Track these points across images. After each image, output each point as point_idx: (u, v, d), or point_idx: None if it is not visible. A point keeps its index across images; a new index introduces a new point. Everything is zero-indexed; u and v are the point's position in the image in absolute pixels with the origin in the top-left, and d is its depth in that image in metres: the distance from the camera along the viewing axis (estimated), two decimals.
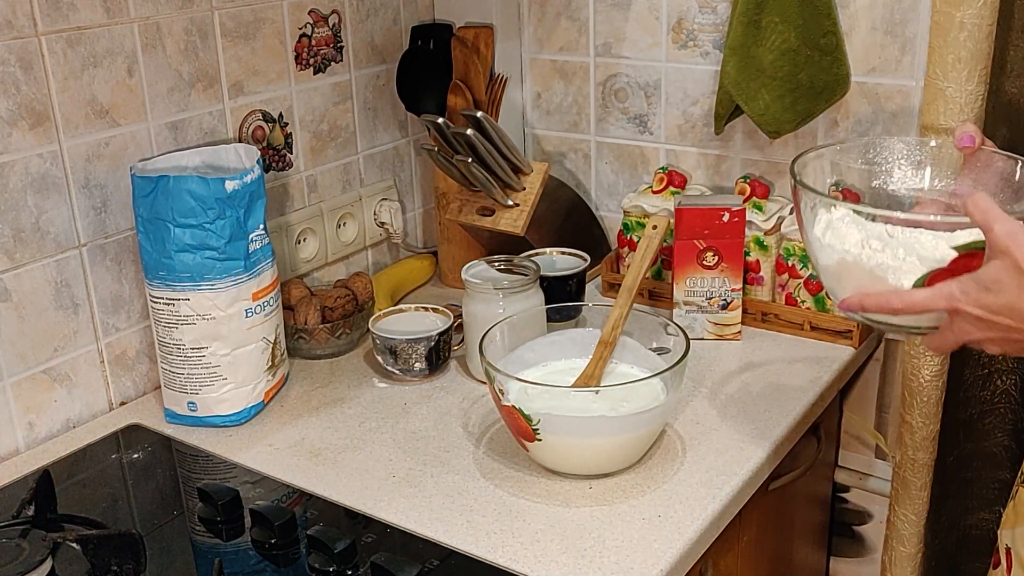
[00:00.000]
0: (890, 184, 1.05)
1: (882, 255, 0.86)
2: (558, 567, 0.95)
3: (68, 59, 1.16)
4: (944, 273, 0.83)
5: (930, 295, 0.82)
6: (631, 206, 1.52)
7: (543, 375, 1.18)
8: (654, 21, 1.55)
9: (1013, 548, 0.96)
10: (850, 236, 0.88)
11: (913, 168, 1.05)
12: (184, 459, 1.19)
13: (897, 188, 1.05)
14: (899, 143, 1.05)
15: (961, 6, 1.17)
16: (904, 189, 1.04)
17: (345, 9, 1.49)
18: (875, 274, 0.86)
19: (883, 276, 0.86)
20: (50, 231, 1.18)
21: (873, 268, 0.86)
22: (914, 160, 1.05)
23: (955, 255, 0.82)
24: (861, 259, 0.87)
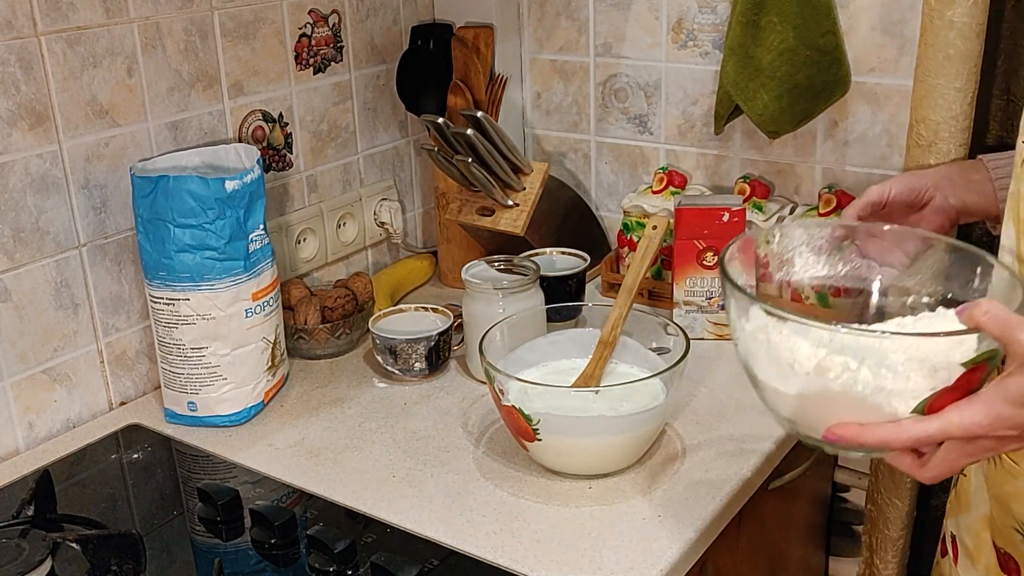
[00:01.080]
0: (792, 274, 0.94)
1: (865, 380, 0.72)
2: (558, 567, 0.95)
3: (68, 59, 1.16)
4: (947, 393, 0.72)
5: (946, 426, 0.70)
6: (631, 206, 1.52)
7: (543, 375, 1.18)
8: (654, 21, 1.55)
9: (958, 536, 0.97)
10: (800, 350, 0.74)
11: (814, 255, 0.95)
12: (184, 459, 1.19)
13: (800, 278, 0.94)
14: (798, 228, 0.95)
15: (952, 6, 1.18)
16: (807, 278, 0.95)
17: (345, 9, 1.49)
18: (867, 402, 0.73)
19: (876, 404, 0.73)
20: (50, 231, 1.18)
21: (864, 397, 0.72)
22: (814, 246, 0.94)
23: (962, 371, 0.71)
24: (847, 386, 0.73)
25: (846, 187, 1.45)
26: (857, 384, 0.73)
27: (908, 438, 0.72)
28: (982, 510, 0.91)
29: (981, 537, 0.92)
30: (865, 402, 0.73)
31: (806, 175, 1.50)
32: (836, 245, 0.94)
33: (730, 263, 0.84)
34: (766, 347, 0.77)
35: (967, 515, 0.94)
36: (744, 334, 0.80)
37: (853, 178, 1.45)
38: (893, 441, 0.72)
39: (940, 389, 0.72)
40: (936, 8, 1.20)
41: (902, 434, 0.72)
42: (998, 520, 0.88)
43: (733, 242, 0.88)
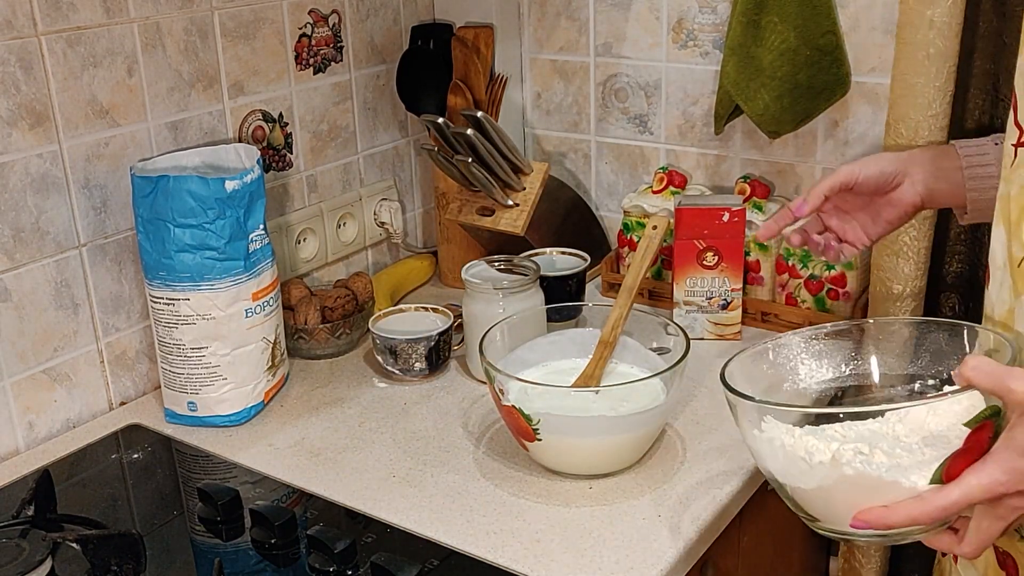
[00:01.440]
0: (799, 384, 0.95)
1: (879, 460, 0.74)
2: (558, 567, 0.95)
3: (68, 59, 1.16)
4: (960, 457, 0.71)
5: (967, 491, 0.70)
6: (631, 206, 1.52)
7: (543, 375, 1.18)
8: (654, 21, 1.55)
9: None
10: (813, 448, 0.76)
11: (816, 360, 0.96)
12: (184, 459, 1.19)
13: (808, 385, 0.95)
14: (795, 337, 0.95)
15: (932, 5, 1.19)
16: (815, 384, 0.95)
17: (345, 9, 1.49)
18: (884, 481, 0.73)
19: (894, 480, 0.73)
20: (50, 231, 1.18)
21: (881, 475, 0.73)
22: (814, 351, 0.96)
23: (967, 432, 0.71)
24: (861, 470, 0.74)
25: None
26: (871, 466, 0.73)
27: (933, 509, 0.71)
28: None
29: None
30: (883, 481, 0.73)
31: (806, 175, 1.49)
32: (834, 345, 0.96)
33: (731, 377, 0.86)
34: (781, 450, 0.79)
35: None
36: (757, 441, 0.82)
37: None
38: (920, 516, 0.72)
39: (952, 454, 0.72)
40: (915, 8, 1.20)
41: (927, 507, 0.71)
42: None
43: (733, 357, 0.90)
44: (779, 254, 1.41)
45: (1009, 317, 0.81)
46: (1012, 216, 0.80)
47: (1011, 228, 0.80)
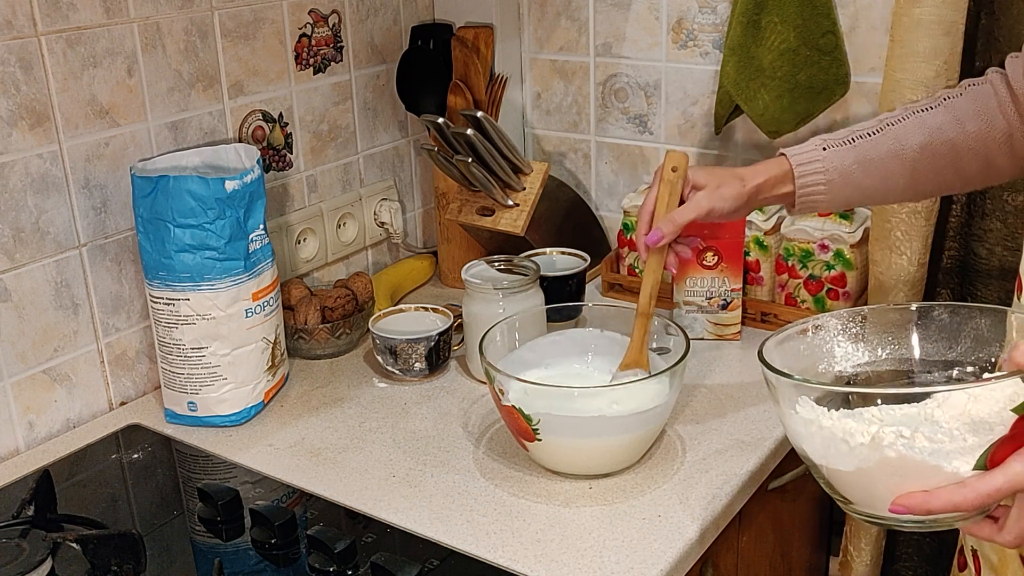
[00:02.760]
0: (835, 366, 0.94)
1: (921, 443, 0.72)
2: (558, 567, 0.95)
3: (68, 59, 1.16)
4: (1006, 443, 0.70)
5: (1013, 477, 0.68)
6: (631, 206, 1.52)
7: (543, 375, 1.18)
8: (654, 21, 1.55)
9: (980, 551, 0.96)
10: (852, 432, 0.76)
11: (852, 343, 0.94)
12: (184, 459, 1.19)
13: (843, 368, 0.94)
14: (832, 319, 0.95)
15: (919, 4, 1.19)
16: (851, 367, 0.94)
17: (345, 9, 1.49)
18: (927, 464, 0.72)
19: (936, 465, 0.72)
20: (50, 231, 1.18)
21: (924, 460, 0.72)
22: (851, 334, 0.95)
23: (1015, 417, 0.70)
24: (903, 452, 0.72)
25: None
26: (914, 449, 0.72)
27: (976, 496, 0.70)
28: None
29: (1005, 552, 0.91)
30: (925, 465, 0.72)
31: None
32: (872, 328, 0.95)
33: (769, 355, 0.85)
34: (819, 432, 0.78)
35: None
36: (795, 420, 0.81)
37: None
38: (961, 502, 0.70)
39: (997, 440, 0.70)
40: (904, 6, 1.21)
41: (969, 493, 0.70)
42: None
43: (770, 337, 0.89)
44: (779, 254, 1.41)
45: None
46: None
47: None
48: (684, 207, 1.06)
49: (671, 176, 1.09)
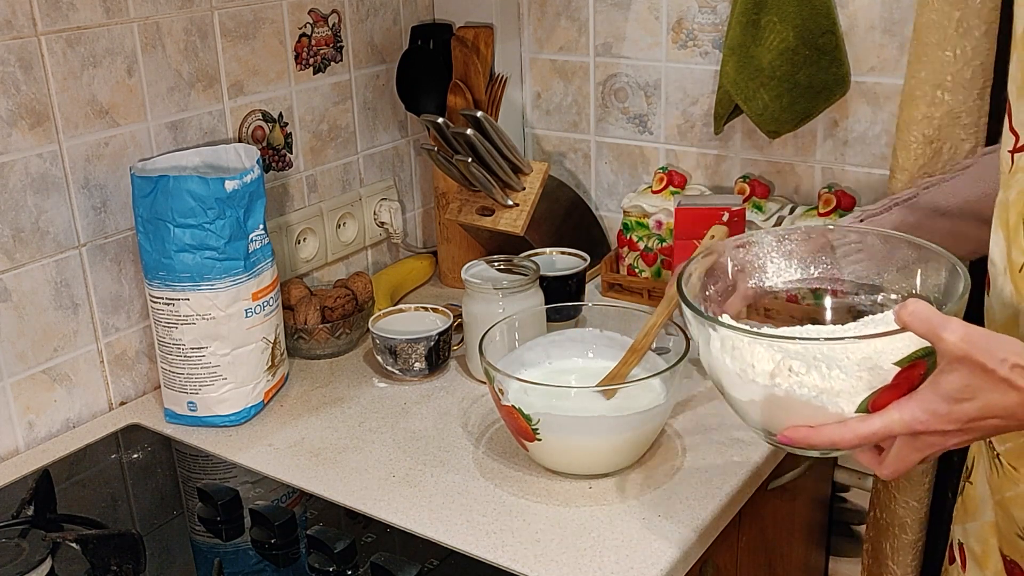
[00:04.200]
0: (766, 281, 0.97)
1: (810, 379, 0.76)
2: (558, 567, 0.95)
3: (68, 59, 1.16)
4: (888, 391, 0.75)
5: (889, 423, 0.74)
6: (631, 206, 1.52)
7: (543, 375, 1.18)
8: (654, 21, 1.55)
9: (966, 544, 0.96)
10: (759, 358, 0.78)
11: (785, 259, 0.97)
12: (184, 459, 1.19)
13: (774, 283, 0.97)
14: (768, 236, 0.97)
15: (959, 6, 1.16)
16: (781, 283, 0.97)
17: (345, 9, 1.49)
18: (812, 404, 0.77)
19: (821, 406, 0.76)
20: (50, 231, 1.18)
21: (809, 399, 0.77)
22: (785, 251, 0.97)
23: (898, 370, 0.75)
24: (791, 390, 0.77)
25: (846, 187, 1.45)
26: (803, 387, 0.76)
27: (854, 437, 0.75)
28: (988, 517, 0.91)
29: (989, 544, 0.91)
30: (810, 405, 0.76)
31: (806, 175, 1.50)
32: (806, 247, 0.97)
33: (687, 282, 0.88)
34: (728, 361, 0.81)
35: (974, 522, 0.94)
36: (706, 350, 0.84)
37: (853, 178, 1.45)
38: (840, 441, 0.76)
39: (880, 388, 0.75)
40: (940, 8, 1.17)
41: (848, 433, 0.75)
42: (1002, 526, 0.88)
43: (689, 262, 0.92)
44: None
45: (1012, 323, 0.81)
46: (1011, 221, 0.80)
47: (1010, 234, 0.80)
48: None
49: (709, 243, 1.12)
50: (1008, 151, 0.81)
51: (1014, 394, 0.70)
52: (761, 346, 0.79)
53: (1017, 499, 0.84)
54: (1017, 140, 0.79)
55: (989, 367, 0.69)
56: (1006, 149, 0.81)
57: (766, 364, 0.78)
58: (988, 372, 0.70)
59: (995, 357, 0.69)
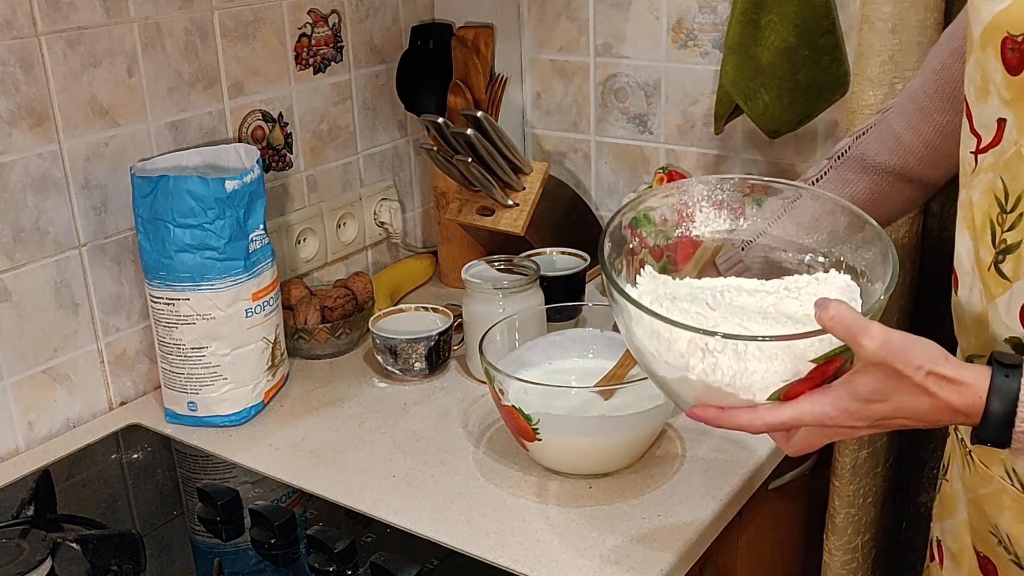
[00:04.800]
0: (693, 229, 0.96)
1: (725, 366, 0.76)
2: (558, 567, 0.95)
3: (68, 59, 1.16)
4: (800, 383, 0.76)
5: (798, 415, 0.76)
6: None
7: (543, 375, 1.18)
8: (654, 21, 1.55)
9: (943, 541, 0.97)
10: (678, 339, 0.78)
11: (715, 209, 0.96)
12: (184, 459, 1.19)
13: (701, 232, 0.96)
14: (699, 184, 0.96)
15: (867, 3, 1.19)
16: (709, 232, 0.96)
17: (345, 9, 1.49)
18: (723, 391, 0.77)
19: (733, 392, 0.77)
20: (50, 231, 1.18)
21: (721, 386, 0.77)
22: (716, 200, 0.96)
23: (812, 367, 0.76)
24: (704, 376, 0.77)
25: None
26: (717, 371, 0.77)
27: (763, 423, 0.77)
28: (963, 514, 0.92)
29: (963, 541, 0.92)
30: (721, 392, 0.77)
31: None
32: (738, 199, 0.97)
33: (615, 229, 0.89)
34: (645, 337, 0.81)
35: (951, 519, 0.95)
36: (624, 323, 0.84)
37: None
38: (748, 426, 0.78)
39: (793, 380, 0.76)
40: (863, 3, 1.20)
41: (756, 420, 0.77)
42: (975, 524, 0.89)
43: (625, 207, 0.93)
44: None
45: (981, 321, 0.82)
46: (976, 221, 0.81)
47: (976, 233, 0.81)
48: None
49: None
50: (971, 152, 0.82)
51: (926, 399, 0.72)
52: (678, 311, 0.80)
53: (989, 497, 0.85)
54: (979, 141, 0.80)
55: (905, 373, 0.72)
56: (968, 150, 0.82)
57: (681, 343, 0.78)
58: (904, 378, 0.72)
59: (911, 364, 0.71)
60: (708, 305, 0.83)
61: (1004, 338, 0.79)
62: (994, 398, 0.72)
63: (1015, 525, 0.83)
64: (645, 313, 0.79)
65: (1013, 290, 0.78)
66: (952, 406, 0.72)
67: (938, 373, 0.72)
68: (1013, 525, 0.83)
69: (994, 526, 0.85)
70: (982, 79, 0.78)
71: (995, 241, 0.79)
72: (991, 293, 0.80)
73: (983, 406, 0.72)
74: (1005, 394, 0.72)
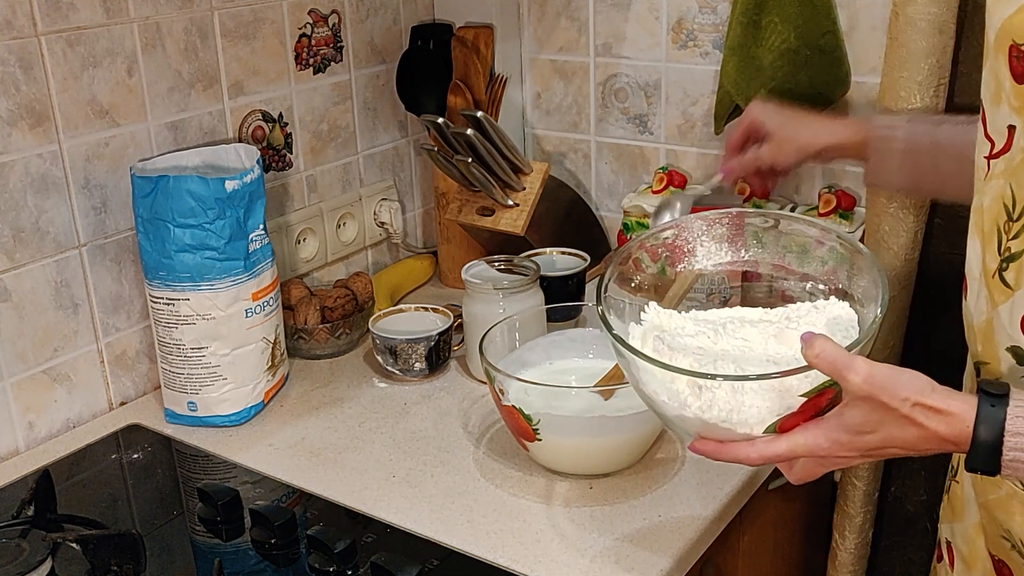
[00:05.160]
0: (695, 264, 0.99)
1: (723, 402, 0.79)
2: (558, 567, 0.95)
3: (68, 59, 1.16)
4: (796, 415, 0.79)
5: (793, 447, 0.78)
6: (631, 206, 1.52)
7: (544, 375, 1.18)
8: (654, 21, 1.55)
9: (953, 543, 0.97)
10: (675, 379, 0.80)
11: (716, 243, 0.98)
12: (184, 459, 1.19)
13: (704, 265, 0.99)
14: (698, 221, 0.98)
15: (911, 3, 1.20)
16: (711, 265, 0.99)
17: (345, 9, 1.49)
18: (720, 427, 0.80)
19: (730, 428, 0.79)
20: (50, 231, 1.18)
21: (717, 422, 0.79)
22: (715, 234, 0.98)
23: (804, 400, 0.78)
24: (701, 413, 0.79)
25: (846, 187, 1.45)
26: (713, 408, 0.78)
27: (760, 456, 0.79)
28: (975, 517, 0.91)
29: (976, 543, 0.92)
30: (718, 428, 0.80)
31: (806, 175, 1.49)
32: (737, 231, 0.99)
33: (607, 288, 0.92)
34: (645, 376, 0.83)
35: (961, 522, 0.95)
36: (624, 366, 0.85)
37: (853, 178, 1.45)
38: (746, 459, 0.80)
39: (787, 414, 0.78)
40: (898, 3, 1.21)
41: (753, 453, 0.79)
42: (988, 528, 0.89)
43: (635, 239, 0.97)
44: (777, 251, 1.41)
45: (987, 328, 0.82)
46: (985, 228, 0.81)
47: (985, 239, 0.81)
48: (746, 158, 1.20)
49: None
50: (984, 157, 0.81)
51: (914, 429, 0.73)
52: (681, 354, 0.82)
53: (999, 502, 0.85)
54: (992, 146, 0.80)
55: (891, 406, 0.73)
56: (982, 155, 0.82)
57: (679, 383, 0.80)
58: (890, 410, 0.73)
59: (897, 397, 0.73)
60: (709, 339, 0.84)
61: (1006, 346, 0.79)
62: (981, 427, 0.72)
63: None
64: (640, 359, 0.81)
65: (1015, 299, 0.78)
66: (941, 435, 0.73)
67: (925, 404, 0.73)
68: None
69: (1007, 531, 0.85)
70: (995, 84, 0.78)
71: (1000, 248, 0.79)
72: (995, 300, 0.80)
73: (971, 435, 0.72)
74: (992, 423, 0.72)
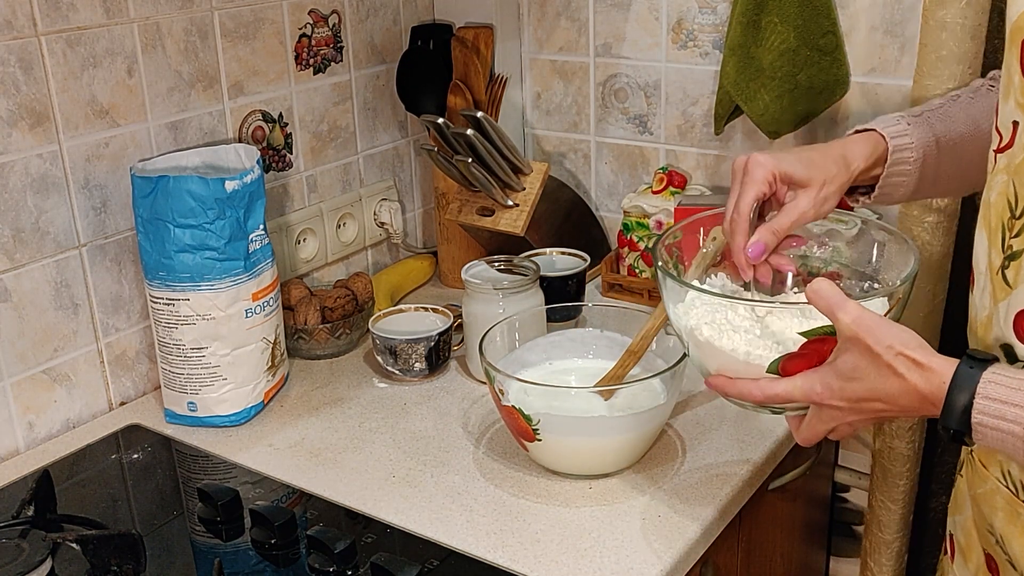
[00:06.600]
0: None
1: (735, 336, 0.86)
2: (558, 567, 0.95)
3: (68, 59, 1.16)
4: (796, 359, 0.83)
5: (791, 389, 0.82)
6: (631, 206, 1.52)
7: (543, 375, 1.18)
8: (654, 21, 1.55)
9: (955, 535, 0.98)
10: (702, 316, 0.89)
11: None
12: (184, 459, 1.19)
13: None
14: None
15: (944, 6, 1.19)
16: None
17: (345, 9, 1.49)
18: (730, 356, 0.86)
19: (738, 359, 0.85)
20: (50, 231, 1.18)
21: (728, 351, 0.86)
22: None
23: (804, 340, 0.82)
24: (717, 341, 0.87)
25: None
26: (723, 339, 0.86)
27: (760, 394, 0.84)
28: (970, 511, 0.92)
29: (972, 536, 0.93)
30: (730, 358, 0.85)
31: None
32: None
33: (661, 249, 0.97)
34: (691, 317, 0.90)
35: (961, 515, 0.95)
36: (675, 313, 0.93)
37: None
38: (748, 396, 0.85)
39: (787, 354, 0.82)
40: (930, 8, 1.21)
41: (755, 390, 0.84)
42: (977, 521, 0.90)
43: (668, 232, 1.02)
44: None
45: (989, 322, 0.82)
46: (991, 223, 0.81)
47: (991, 235, 0.81)
48: (783, 214, 0.94)
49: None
50: (993, 150, 0.81)
51: (895, 380, 0.75)
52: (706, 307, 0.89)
53: (985, 496, 0.86)
54: (1001, 140, 0.80)
55: (875, 351, 0.75)
56: (992, 148, 0.82)
57: (707, 321, 0.88)
58: (874, 355, 0.75)
59: (881, 343, 0.75)
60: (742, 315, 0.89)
61: (1000, 343, 0.80)
62: (956, 386, 0.73)
63: (1006, 526, 0.83)
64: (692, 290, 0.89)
65: (1012, 296, 0.78)
66: (919, 390, 0.75)
67: (907, 355, 0.74)
68: (1004, 526, 0.83)
69: (990, 525, 0.86)
70: (1007, 79, 0.78)
71: (1004, 246, 0.79)
72: (996, 297, 0.80)
73: (946, 392, 0.74)
74: (967, 384, 0.73)
